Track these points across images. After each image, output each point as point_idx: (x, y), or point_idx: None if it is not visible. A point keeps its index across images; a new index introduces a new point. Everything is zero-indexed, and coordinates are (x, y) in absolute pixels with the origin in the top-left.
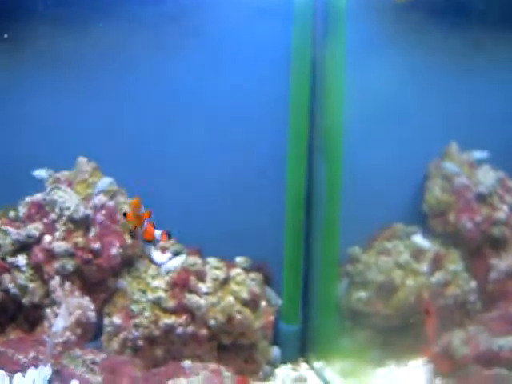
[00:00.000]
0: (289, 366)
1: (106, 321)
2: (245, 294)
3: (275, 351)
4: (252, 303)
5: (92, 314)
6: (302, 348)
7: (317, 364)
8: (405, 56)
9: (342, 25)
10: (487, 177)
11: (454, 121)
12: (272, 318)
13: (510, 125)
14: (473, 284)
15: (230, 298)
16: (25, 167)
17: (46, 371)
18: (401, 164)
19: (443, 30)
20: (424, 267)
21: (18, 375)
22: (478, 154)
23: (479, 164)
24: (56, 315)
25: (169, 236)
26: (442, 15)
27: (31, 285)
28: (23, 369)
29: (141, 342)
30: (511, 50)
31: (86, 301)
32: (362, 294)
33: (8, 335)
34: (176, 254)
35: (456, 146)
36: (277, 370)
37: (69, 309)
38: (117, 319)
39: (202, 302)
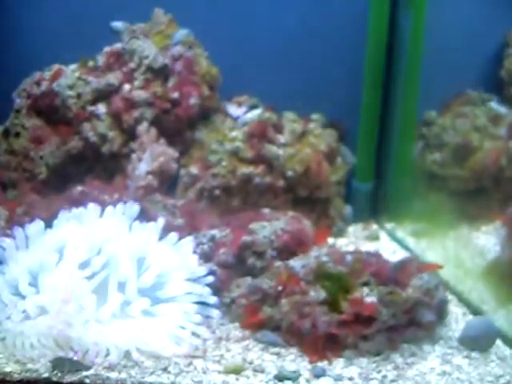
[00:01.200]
0: (360, 225)
1: (183, 171)
2: (323, 147)
3: (348, 209)
4: (329, 157)
5: (174, 164)
6: (373, 208)
7: (388, 225)
8: None
9: None
10: None
11: None
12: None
13: None
14: None
15: (308, 150)
16: (102, 20)
17: (134, 208)
18: (481, 30)
19: None
20: (502, 131)
21: (110, 207)
22: None
23: None
24: (140, 160)
25: None
26: None
27: (111, 133)
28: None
29: (217, 192)
30: None
31: (171, 150)
32: (438, 155)
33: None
34: (252, 107)
35: None
36: (349, 228)
37: (153, 155)
38: (194, 169)
39: (280, 152)
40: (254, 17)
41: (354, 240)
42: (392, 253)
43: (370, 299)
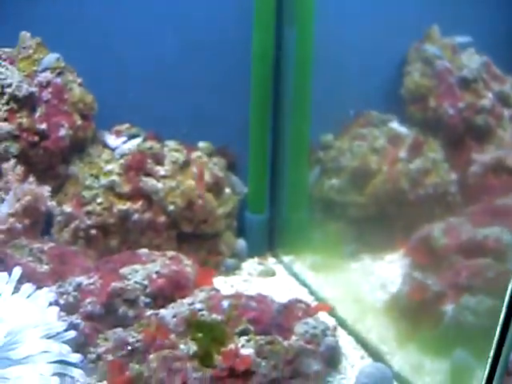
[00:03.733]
0: (255, 259)
1: (57, 210)
2: (207, 178)
3: (241, 243)
4: (215, 188)
5: (45, 203)
6: (269, 241)
7: (285, 258)
8: None
9: None
10: (471, 60)
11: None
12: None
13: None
14: (453, 175)
15: (191, 182)
16: None
17: None
18: (377, 46)
19: None
20: (402, 153)
21: None
22: (461, 39)
23: (463, 49)
24: (2, 201)
25: None
26: None
27: None
28: None
29: (94, 231)
30: None
31: (40, 188)
32: (335, 181)
33: None
34: (132, 137)
35: (438, 29)
36: (243, 264)
37: (17, 195)
38: (68, 207)
39: (160, 185)
40: (134, 39)
41: (247, 277)
42: (288, 290)
43: (247, 351)
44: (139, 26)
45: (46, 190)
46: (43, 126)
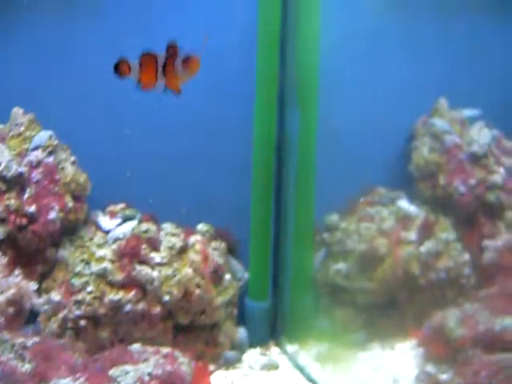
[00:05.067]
0: (257, 350)
1: (44, 298)
2: (205, 265)
3: (241, 333)
4: (214, 276)
5: (30, 297)
6: (272, 329)
7: (290, 348)
8: None
9: None
10: (481, 135)
11: (443, 74)
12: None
13: (504, 78)
14: (466, 256)
15: (188, 270)
16: None
17: None
18: (384, 121)
19: None
20: (412, 235)
21: None
22: (470, 112)
23: (471, 122)
24: None
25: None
26: None
27: None
28: None
29: (83, 323)
30: None
31: (25, 281)
32: (342, 265)
33: None
34: (127, 219)
35: (445, 102)
36: (244, 356)
37: (1, 287)
38: (55, 295)
39: (155, 274)
40: (132, 118)
41: (248, 371)
42: None
43: None
44: (139, 106)
45: (31, 285)
46: (32, 208)
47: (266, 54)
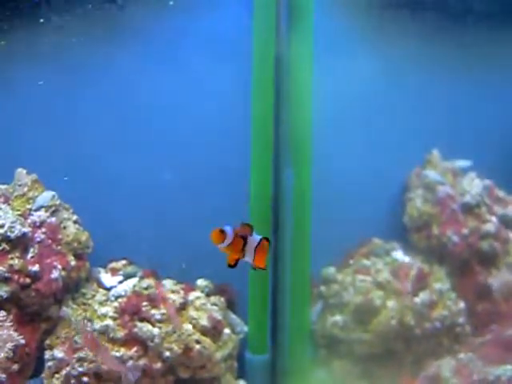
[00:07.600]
0: None
1: (47, 354)
2: (204, 321)
3: None
4: (213, 331)
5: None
6: (271, 381)
7: None
8: (380, 55)
9: (308, 20)
10: (473, 185)
11: (435, 126)
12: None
13: (497, 129)
14: (461, 304)
15: (188, 326)
16: None
17: None
18: (377, 174)
19: (419, 26)
20: (407, 286)
21: None
22: (462, 163)
23: (463, 173)
24: None
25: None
26: (417, 11)
27: None
28: None
29: (86, 379)
30: (494, 48)
31: (17, 335)
32: (338, 317)
33: None
34: (128, 276)
35: (438, 153)
36: None
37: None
38: (58, 352)
39: (156, 330)
40: (131, 174)
41: None
42: None
43: None
44: (137, 163)
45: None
46: (35, 267)
47: (261, 115)
